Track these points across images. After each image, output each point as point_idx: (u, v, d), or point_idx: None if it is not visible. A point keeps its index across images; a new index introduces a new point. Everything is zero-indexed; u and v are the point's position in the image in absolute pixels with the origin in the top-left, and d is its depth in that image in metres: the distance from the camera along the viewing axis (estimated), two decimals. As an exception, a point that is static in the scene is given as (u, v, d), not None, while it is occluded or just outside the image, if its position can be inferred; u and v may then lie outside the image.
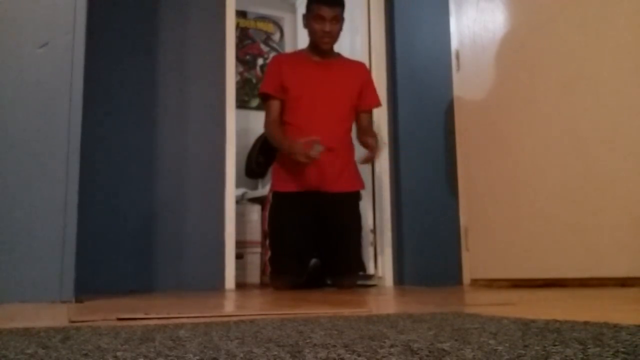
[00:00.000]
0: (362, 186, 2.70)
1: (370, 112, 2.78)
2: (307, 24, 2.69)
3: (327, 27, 2.61)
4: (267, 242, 2.58)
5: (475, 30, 2.60)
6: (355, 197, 2.66)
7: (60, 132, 1.54)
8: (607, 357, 0.47)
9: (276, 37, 4.58)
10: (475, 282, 2.48)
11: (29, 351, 0.55)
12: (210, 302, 1.62)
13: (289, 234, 2.53)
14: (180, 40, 2.76)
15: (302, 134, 2.49)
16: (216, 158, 2.72)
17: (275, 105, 2.65)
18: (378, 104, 2.79)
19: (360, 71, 2.77)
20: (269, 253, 2.55)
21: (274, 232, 2.56)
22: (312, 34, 2.66)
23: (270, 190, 2.64)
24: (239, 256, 3.01)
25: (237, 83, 3.49)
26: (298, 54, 2.82)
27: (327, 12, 2.60)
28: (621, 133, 1.93)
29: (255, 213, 3.59)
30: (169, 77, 2.71)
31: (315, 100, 2.60)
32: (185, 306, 1.37)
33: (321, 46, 2.65)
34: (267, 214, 2.62)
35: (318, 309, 1.20)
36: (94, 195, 2.41)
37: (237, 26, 4.05)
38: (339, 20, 2.65)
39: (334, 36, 2.67)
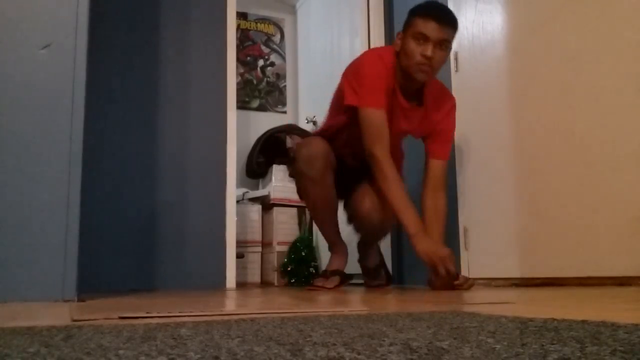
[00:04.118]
0: None
1: (443, 161, 2.22)
2: (402, 45, 2.05)
3: (430, 50, 1.97)
4: None
5: (474, 31, 2.60)
6: None
7: (63, 132, 1.55)
8: (605, 355, 0.48)
9: (277, 38, 4.58)
10: (474, 281, 2.48)
11: (31, 350, 0.55)
12: (211, 301, 1.62)
13: None
14: (182, 41, 2.77)
15: (345, 151, 2.25)
16: (217, 158, 2.73)
17: (386, 121, 2.06)
18: (442, 157, 2.23)
19: (442, 119, 2.23)
20: None
21: None
22: (407, 56, 2.02)
23: None
24: (239, 255, 3.02)
25: (238, 84, 3.49)
26: (392, 79, 2.10)
27: (434, 30, 1.97)
28: (619, 133, 1.93)
29: (255, 212, 3.59)
30: (170, 78, 2.72)
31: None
32: (187, 305, 1.37)
33: (415, 75, 2.03)
34: None
35: (318, 307, 1.21)
36: (96, 195, 2.42)
37: (238, 28, 4.06)
38: (447, 46, 2.02)
39: (436, 66, 2.03)
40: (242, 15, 4.37)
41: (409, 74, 2.06)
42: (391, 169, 2.04)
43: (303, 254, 3.46)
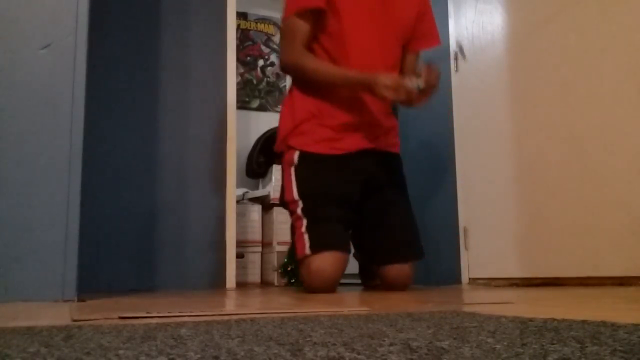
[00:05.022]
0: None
1: (417, 54, 2.12)
2: None
3: None
4: None
5: (474, 31, 2.60)
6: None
7: (63, 132, 1.55)
8: (605, 355, 0.48)
9: (277, 38, 4.58)
10: (474, 281, 2.49)
11: (31, 350, 0.55)
12: (211, 301, 1.62)
13: None
14: (182, 41, 2.77)
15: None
16: (217, 158, 2.73)
17: (306, 28, 1.87)
18: (436, 42, 2.12)
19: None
20: None
21: None
22: None
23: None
24: (239, 255, 3.02)
25: (238, 84, 3.49)
26: None
27: None
28: (619, 133, 1.94)
29: (255, 213, 3.59)
30: (170, 78, 2.72)
31: (366, 38, 1.92)
32: (187, 305, 1.37)
33: None
34: None
35: (318, 307, 1.21)
36: (96, 195, 2.42)
37: (238, 28, 4.06)
38: None
39: None
40: (242, 15, 4.37)
41: None
42: (307, 57, 1.87)
43: (303, 254, 3.45)
